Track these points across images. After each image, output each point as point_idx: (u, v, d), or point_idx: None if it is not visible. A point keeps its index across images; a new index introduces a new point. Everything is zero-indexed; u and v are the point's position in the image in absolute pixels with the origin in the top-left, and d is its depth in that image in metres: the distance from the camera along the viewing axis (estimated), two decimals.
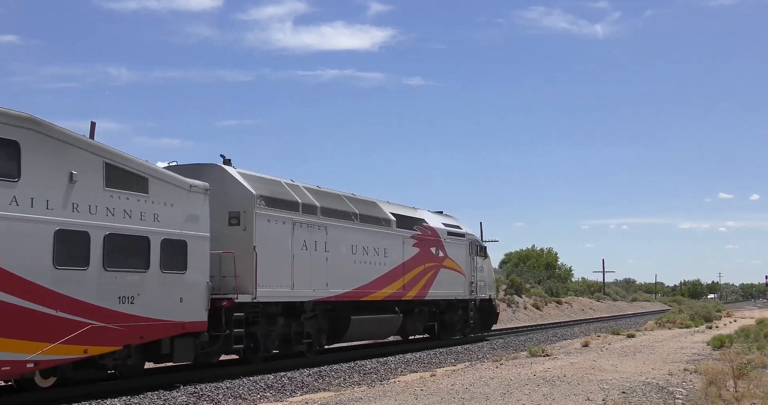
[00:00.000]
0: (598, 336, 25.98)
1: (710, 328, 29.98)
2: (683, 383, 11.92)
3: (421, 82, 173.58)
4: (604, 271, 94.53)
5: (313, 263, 17.24)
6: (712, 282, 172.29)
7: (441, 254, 23.76)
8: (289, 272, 16.46)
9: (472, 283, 25.79)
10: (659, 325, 32.40)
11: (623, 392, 10.60)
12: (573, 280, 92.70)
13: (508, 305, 49.29)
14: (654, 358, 16.34)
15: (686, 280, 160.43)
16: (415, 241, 22.19)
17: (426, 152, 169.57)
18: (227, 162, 16.11)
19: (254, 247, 15.32)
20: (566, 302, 61.65)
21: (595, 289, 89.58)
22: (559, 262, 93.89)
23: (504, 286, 53.32)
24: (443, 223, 24.77)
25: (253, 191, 15.61)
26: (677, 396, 10.45)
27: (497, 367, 14.69)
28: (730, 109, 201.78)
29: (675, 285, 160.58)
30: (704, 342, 20.83)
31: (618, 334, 26.08)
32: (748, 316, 46.67)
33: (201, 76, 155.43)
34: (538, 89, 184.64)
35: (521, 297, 53.58)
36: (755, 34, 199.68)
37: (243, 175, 16.02)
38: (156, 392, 12.52)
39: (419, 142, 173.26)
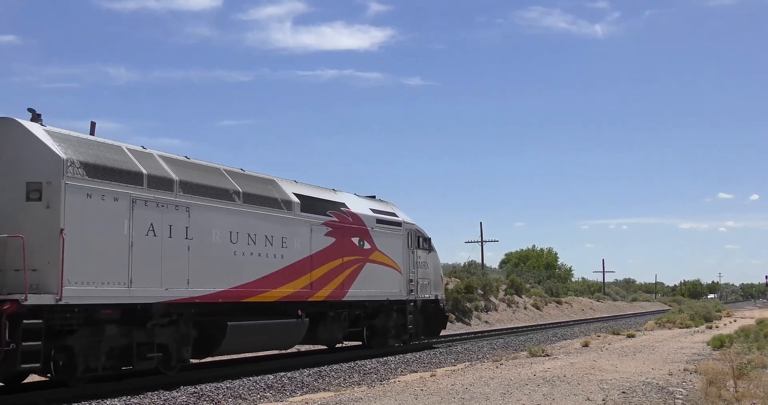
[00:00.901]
0: (598, 336, 25.97)
1: (710, 328, 29.97)
2: (683, 383, 11.91)
3: (420, 82, 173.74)
4: (604, 271, 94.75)
5: (167, 254, 13.22)
6: (712, 282, 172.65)
7: (367, 246, 19.73)
8: (125, 265, 12.42)
9: (411, 280, 21.71)
10: (659, 325, 32.40)
11: (623, 392, 10.60)
12: (573, 280, 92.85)
13: (508, 305, 49.35)
14: (654, 358, 16.34)
15: (686, 280, 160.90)
16: (330, 229, 18.13)
17: (425, 152, 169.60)
18: (36, 117, 12.23)
19: (62, 229, 11.35)
20: (566, 302, 61.69)
21: (595, 289, 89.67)
22: (559, 262, 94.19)
23: (504, 286, 53.41)
24: (372, 209, 20.64)
25: (63, 155, 11.58)
26: (677, 396, 10.45)
27: (497, 367, 14.68)
28: (730, 109, 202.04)
29: (675, 285, 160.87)
30: (704, 342, 20.83)
31: (618, 334, 26.06)
32: (748, 316, 46.69)
33: (200, 76, 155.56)
34: (537, 89, 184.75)
35: (521, 297, 53.61)
36: (755, 34, 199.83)
37: (52, 134, 12.01)
38: (156, 392, 12.53)
39: (418, 142, 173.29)
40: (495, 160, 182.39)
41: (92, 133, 13.48)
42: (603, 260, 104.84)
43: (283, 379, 14.63)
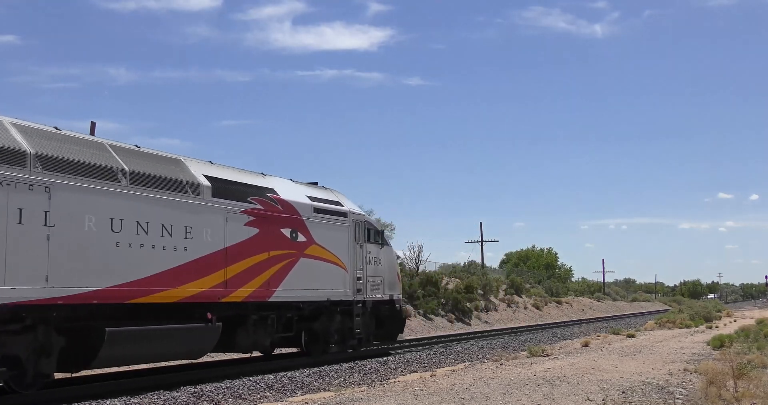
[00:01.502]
0: (598, 336, 25.99)
1: (710, 328, 29.99)
2: (683, 383, 11.92)
3: (420, 82, 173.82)
4: (604, 271, 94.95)
5: (14, 244, 10.73)
6: (712, 282, 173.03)
7: (302, 238, 16.96)
8: None
9: (359, 278, 18.94)
10: (659, 325, 32.43)
11: (623, 392, 10.60)
12: (573, 280, 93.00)
13: (508, 305, 49.41)
14: (654, 358, 16.35)
15: (686, 280, 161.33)
16: (252, 218, 15.43)
17: (425, 152, 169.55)
18: None
19: None
20: (566, 302, 61.79)
21: (595, 289, 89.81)
22: (559, 262, 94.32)
23: (504, 286, 53.48)
24: (310, 197, 17.79)
25: None
26: (677, 396, 10.45)
27: (497, 367, 14.68)
28: (729, 109, 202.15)
29: (675, 285, 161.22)
30: (704, 342, 20.84)
31: (618, 334, 26.09)
32: (748, 316, 46.72)
33: (200, 77, 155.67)
34: (537, 89, 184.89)
35: (521, 297, 53.70)
36: (755, 34, 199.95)
37: None
38: (156, 392, 12.52)
39: (418, 142, 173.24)
40: (495, 160, 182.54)
41: (92, 133, 13.48)
42: (603, 260, 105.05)
43: (283, 379, 14.63)
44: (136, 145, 13.71)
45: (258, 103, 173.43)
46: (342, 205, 19.07)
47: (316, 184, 19.28)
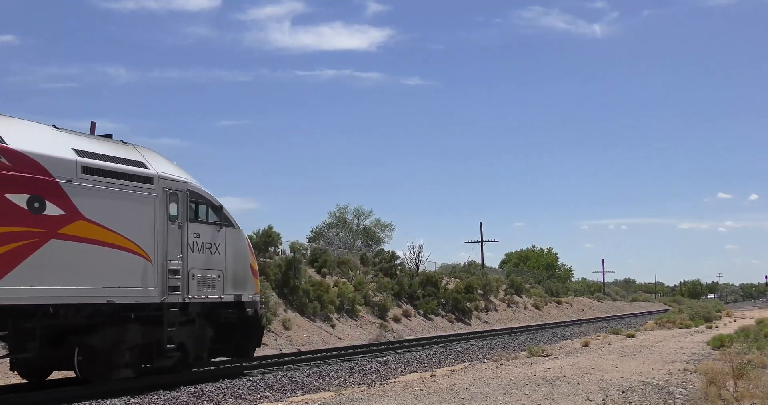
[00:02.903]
0: (598, 336, 26.00)
1: (710, 328, 30.00)
2: (683, 383, 11.92)
3: (419, 82, 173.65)
4: (604, 271, 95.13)
5: None
6: (712, 282, 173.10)
7: (55, 210, 11.49)
8: None
9: (175, 272, 13.61)
10: (659, 325, 32.45)
11: (623, 392, 10.60)
12: (573, 280, 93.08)
13: (508, 305, 49.46)
14: (654, 358, 16.35)
15: (686, 280, 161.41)
16: None
17: (425, 152, 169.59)
18: None
19: None
20: (566, 302, 61.86)
21: (595, 289, 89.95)
22: (559, 262, 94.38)
23: (504, 286, 53.52)
24: (78, 151, 12.33)
25: None
26: (677, 396, 10.46)
27: (497, 367, 14.69)
28: (729, 109, 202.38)
29: (675, 285, 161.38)
30: (704, 342, 20.84)
31: (618, 334, 26.10)
32: (748, 316, 46.72)
33: (199, 77, 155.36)
34: (536, 89, 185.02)
35: (521, 297, 53.75)
36: (754, 34, 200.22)
37: None
38: (156, 392, 12.53)
39: (418, 142, 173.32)
40: (495, 159, 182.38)
41: (92, 132, 13.48)
42: (603, 260, 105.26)
43: (283, 379, 14.64)
44: None
45: (258, 103, 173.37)
46: (146, 167, 13.45)
47: (110, 136, 13.95)
